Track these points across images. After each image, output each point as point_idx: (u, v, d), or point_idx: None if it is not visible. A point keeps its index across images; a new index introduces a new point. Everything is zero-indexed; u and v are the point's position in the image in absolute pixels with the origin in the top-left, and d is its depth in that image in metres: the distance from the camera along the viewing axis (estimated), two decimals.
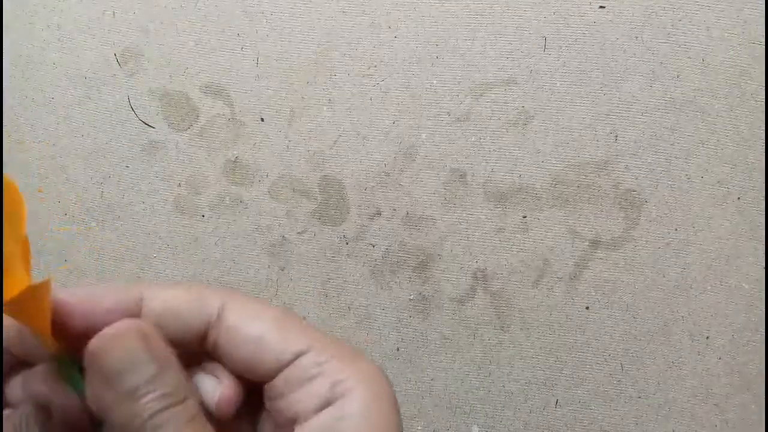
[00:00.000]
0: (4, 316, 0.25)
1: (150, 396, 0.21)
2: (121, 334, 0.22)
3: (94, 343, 0.22)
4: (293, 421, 0.22)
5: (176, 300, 0.23)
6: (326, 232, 0.38)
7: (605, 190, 0.38)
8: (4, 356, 0.25)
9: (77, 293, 0.23)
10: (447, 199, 0.38)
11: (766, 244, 0.37)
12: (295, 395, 0.22)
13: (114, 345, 0.22)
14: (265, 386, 0.23)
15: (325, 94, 0.38)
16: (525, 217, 0.38)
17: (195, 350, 0.23)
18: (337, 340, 0.23)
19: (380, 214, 0.38)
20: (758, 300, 0.38)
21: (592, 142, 0.37)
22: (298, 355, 0.22)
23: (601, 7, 0.37)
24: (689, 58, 0.37)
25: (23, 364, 0.27)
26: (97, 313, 0.23)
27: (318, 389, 0.22)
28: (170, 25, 0.38)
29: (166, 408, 0.21)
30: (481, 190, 0.38)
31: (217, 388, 0.26)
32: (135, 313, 0.23)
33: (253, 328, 0.23)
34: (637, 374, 0.38)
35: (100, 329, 0.22)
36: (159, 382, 0.21)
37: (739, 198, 0.37)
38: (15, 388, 0.27)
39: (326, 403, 0.21)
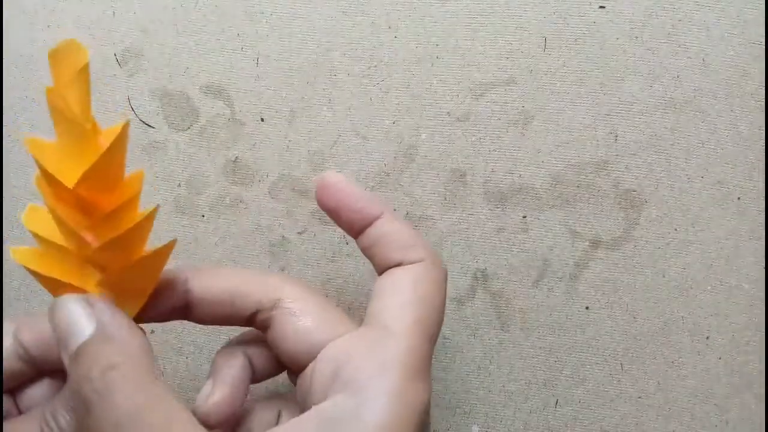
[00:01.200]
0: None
1: (92, 357, 0.22)
2: (62, 301, 0.23)
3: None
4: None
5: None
6: (326, 232, 0.38)
7: (605, 190, 0.38)
8: (22, 367, 0.26)
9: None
10: (447, 199, 0.38)
11: (766, 244, 0.37)
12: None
13: (56, 311, 0.23)
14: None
15: (325, 94, 0.38)
16: (525, 217, 0.38)
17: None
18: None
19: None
20: (758, 300, 0.38)
21: (592, 142, 0.37)
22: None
23: (601, 7, 0.37)
24: (689, 58, 0.37)
25: (42, 374, 0.27)
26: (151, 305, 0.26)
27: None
28: (170, 25, 0.38)
29: (111, 369, 0.21)
30: (481, 190, 0.38)
31: (213, 393, 0.26)
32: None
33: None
34: (637, 374, 0.38)
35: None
36: (102, 342, 0.22)
37: (739, 198, 0.37)
38: (29, 398, 0.27)
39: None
